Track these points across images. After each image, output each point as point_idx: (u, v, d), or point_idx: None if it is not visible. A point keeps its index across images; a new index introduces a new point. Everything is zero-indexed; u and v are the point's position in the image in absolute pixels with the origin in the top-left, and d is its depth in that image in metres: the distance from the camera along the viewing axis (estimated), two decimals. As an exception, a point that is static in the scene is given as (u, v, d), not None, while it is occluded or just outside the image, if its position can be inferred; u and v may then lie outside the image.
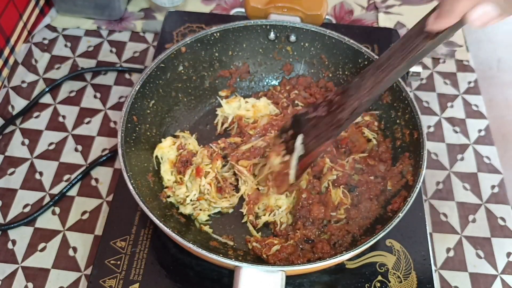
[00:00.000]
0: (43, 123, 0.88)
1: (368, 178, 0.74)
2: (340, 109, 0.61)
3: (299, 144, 0.65)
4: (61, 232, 0.76)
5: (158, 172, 0.75)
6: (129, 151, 0.70)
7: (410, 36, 0.55)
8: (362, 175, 0.74)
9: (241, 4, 1.07)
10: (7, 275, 0.72)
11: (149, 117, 0.77)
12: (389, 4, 1.08)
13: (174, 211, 0.72)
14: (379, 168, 0.75)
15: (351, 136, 0.78)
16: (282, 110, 0.82)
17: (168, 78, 0.79)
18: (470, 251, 0.77)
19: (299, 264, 0.64)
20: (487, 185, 0.83)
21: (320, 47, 0.84)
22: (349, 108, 0.60)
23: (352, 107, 0.60)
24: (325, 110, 0.63)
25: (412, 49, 0.55)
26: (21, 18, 0.97)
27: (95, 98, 0.92)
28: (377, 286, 0.68)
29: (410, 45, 0.55)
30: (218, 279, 0.68)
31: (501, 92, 1.00)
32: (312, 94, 0.84)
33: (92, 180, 0.82)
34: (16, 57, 0.96)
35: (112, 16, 1.02)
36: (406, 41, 0.56)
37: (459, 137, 0.89)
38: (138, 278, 0.68)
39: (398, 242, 0.71)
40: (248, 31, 0.83)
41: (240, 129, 0.81)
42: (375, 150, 0.77)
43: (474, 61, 1.00)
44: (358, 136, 0.78)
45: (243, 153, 0.76)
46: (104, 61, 0.97)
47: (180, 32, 0.95)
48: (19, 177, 0.81)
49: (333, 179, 0.73)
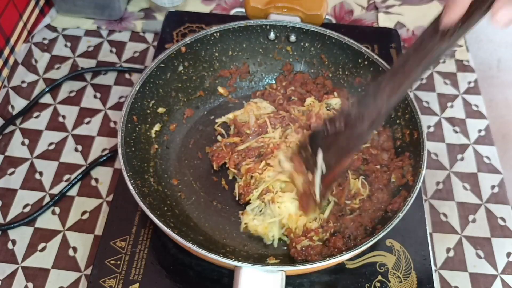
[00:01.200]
0: (43, 123, 0.88)
1: (374, 167, 0.74)
2: (358, 120, 0.59)
3: (320, 160, 0.62)
4: (61, 232, 0.76)
5: (158, 172, 0.75)
6: (129, 151, 0.70)
7: (423, 40, 0.54)
8: (367, 165, 0.75)
9: (241, 4, 1.07)
10: (7, 275, 0.72)
11: (149, 117, 0.77)
12: (389, 4, 1.08)
13: (175, 211, 0.72)
14: (382, 157, 0.75)
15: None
16: (277, 107, 0.83)
17: (168, 78, 0.79)
18: (470, 251, 0.77)
19: (299, 264, 0.64)
20: (487, 185, 0.83)
21: (320, 47, 0.84)
22: (368, 118, 0.58)
23: (371, 118, 0.58)
24: (342, 122, 0.60)
25: (427, 52, 0.53)
26: (21, 18, 0.97)
27: (95, 98, 0.92)
28: (377, 286, 0.68)
29: (425, 48, 0.53)
30: (218, 279, 0.68)
31: (501, 92, 1.00)
32: (309, 90, 0.84)
33: (92, 180, 0.82)
34: (16, 57, 0.96)
35: (112, 16, 1.02)
36: (419, 45, 0.54)
37: (459, 137, 0.89)
38: (138, 278, 0.68)
39: (398, 242, 0.71)
40: (248, 31, 0.83)
41: (237, 129, 0.81)
42: (376, 140, 0.78)
43: (474, 61, 1.00)
44: None
45: (238, 154, 0.76)
46: (104, 61, 0.97)
47: (180, 32, 0.95)
48: (19, 177, 0.81)
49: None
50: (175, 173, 0.78)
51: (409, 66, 0.55)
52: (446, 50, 0.53)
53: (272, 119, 0.79)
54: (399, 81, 0.55)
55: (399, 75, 0.55)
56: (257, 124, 0.79)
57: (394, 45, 0.93)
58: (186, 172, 0.78)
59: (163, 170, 0.77)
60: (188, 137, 0.82)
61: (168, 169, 0.78)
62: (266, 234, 0.70)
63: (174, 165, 0.78)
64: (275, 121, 0.79)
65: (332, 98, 0.82)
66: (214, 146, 0.79)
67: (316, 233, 0.69)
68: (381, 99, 0.57)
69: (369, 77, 0.80)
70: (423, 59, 0.53)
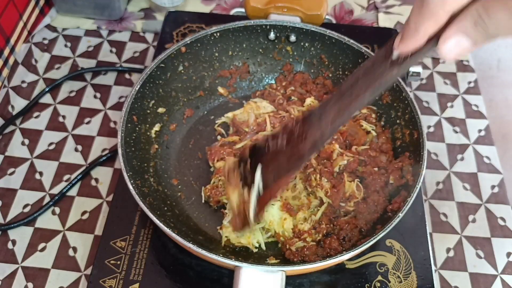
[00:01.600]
0: (43, 123, 0.88)
1: (372, 169, 0.74)
2: (300, 139, 0.55)
3: (259, 176, 0.58)
4: (61, 232, 0.76)
5: (158, 172, 0.75)
6: (129, 151, 0.70)
7: (374, 62, 0.50)
8: (365, 167, 0.75)
9: (241, 4, 1.07)
10: (7, 275, 0.72)
11: (149, 117, 0.77)
12: (389, 4, 1.08)
13: (175, 211, 0.72)
14: (381, 159, 0.75)
15: (350, 129, 0.78)
16: (277, 106, 0.83)
17: (168, 78, 0.79)
18: (470, 251, 0.77)
19: (299, 264, 0.64)
20: (487, 185, 0.83)
21: (320, 47, 0.84)
22: (310, 138, 0.54)
23: (313, 138, 0.54)
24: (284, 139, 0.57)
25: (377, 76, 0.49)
26: (21, 18, 0.97)
27: (95, 98, 0.92)
28: (377, 286, 0.68)
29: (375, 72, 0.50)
30: (218, 279, 0.68)
31: (501, 92, 1.00)
32: (308, 90, 0.85)
33: (92, 180, 0.82)
34: (16, 57, 0.96)
35: (112, 16, 1.02)
36: (370, 68, 0.50)
37: (459, 137, 0.89)
38: (138, 278, 0.68)
39: (398, 242, 0.71)
40: (248, 31, 0.83)
41: (236, 128, 0.81)
42: (375, 142, 0.77)
43: (474, 61, 1.00)
44: (357, 129, 0.78)
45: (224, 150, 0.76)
46: (104, 61, 0.97)
47: (180, 32, 0.95)
48: (19, 177, 0.81)
49: (344, 164, 0.73)
50: (175, 173, 0.78)
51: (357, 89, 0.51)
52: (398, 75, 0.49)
53: (272, 118, 0.79)
54: (346, 104, 0.52)
55: (346, 98, 0.52)
56: (256, 122, 0.79)
57: (394, 45, 0.93)
58: (186, 172, 0.78)
59: (163, 170, 0.77)
60: (188, 137, 0.82)
61: (168, 169, 0.78)
62: (250, 244, 0.69)
63: (174, 165, 0.78)
64: (275, 120, 0.79)
65: (332, 97, 0.82)
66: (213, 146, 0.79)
67: (309, 234, 0.68)
68: (326, 121, 0.53)
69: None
70: (372, 83, 0.50)
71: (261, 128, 0.78)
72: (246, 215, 0.59)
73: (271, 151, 0.58)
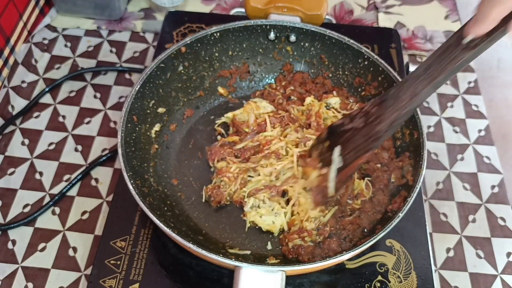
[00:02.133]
0: (43, 123, 0.88)
1: (375, 166, 0.74)
2: (377, 121, 0.59)
3: (337, 156, 0.63)
4: (61, 232, 0.76)
5: (158, 172, 0.75)
6: (129, 151, 0.70)
7: (448, 47, 0.54)
8: (368, 163, 0.75)
9: (241, 4, 1.07)
10: (7, 275, 0.72)
11: (149, 117, 0.77)
12: (389, 4, 1.08)
13: (175, 211, 0.72)
14: (382, 156, 0.75)
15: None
16: (277, 106, 0.83)
17: (168, 78, 0.79)
18: (470, 251, 0.77)
19: (299, 264, 0.64)
20: (487, 185, 0.83)
21: (320, 47, 0.84)
22: (387, 120, 0.58)
23: (390, 119, 0.58)
24: (362, 121, 0.61)
25: (451, 60, 0.53)
26: (21, 18, 0.97)
27: (95, 98, 0.92)
28: (377, 286, 0.68)
29: (449, 56, 0.53)
30: (218, 279, 0.68)
31: (501, 92, 1.00)
32: (308, 90, 0.85)
33: (92, 180, 0.82)
34: (16, 57, 0.96)
35: (112, 16, 1.02)
36: (444, 52, 0.54)
37: (459, 137, 0.89)
38: (138, 278, 0.68)
39: (398, 242, 0.71)
40: (248, 31, 0.83)
41: (236, 128, 0.81)
42: None
43: (474, 61, 1.00)
44: None
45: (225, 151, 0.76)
46: (104, 61, 0.97)
47: (180, 32, 0.95)
48: (19, 177, 0.81)
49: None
50: (175, 173, 0.78)
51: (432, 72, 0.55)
52: (471, 59, 0.53)
53: (272, 118, 0.79)
54: (421, 86, 0.56)
55: (421, 82, 0.56)
56: (256, 122, 0.79)
57: (394, 45, 0.93)
58: (186, 172, 0.78)
59: (163, 170, 0.77)
60: (188, 137, 0.82)
61: (168, 169, 0.78)
62: (275, 227, 0.71)
63: (174, 165, 0.78)
64: (275, 120, 0.79)
65: (332, 97, 0.82)
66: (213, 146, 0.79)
67: (310, 234, 0.68)
68: (402, 102, 0.57)
69: (369, 77, 0.80)
70: (446, 66, 0.53)
71: (261, 128, 0.78)
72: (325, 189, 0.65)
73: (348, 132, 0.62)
